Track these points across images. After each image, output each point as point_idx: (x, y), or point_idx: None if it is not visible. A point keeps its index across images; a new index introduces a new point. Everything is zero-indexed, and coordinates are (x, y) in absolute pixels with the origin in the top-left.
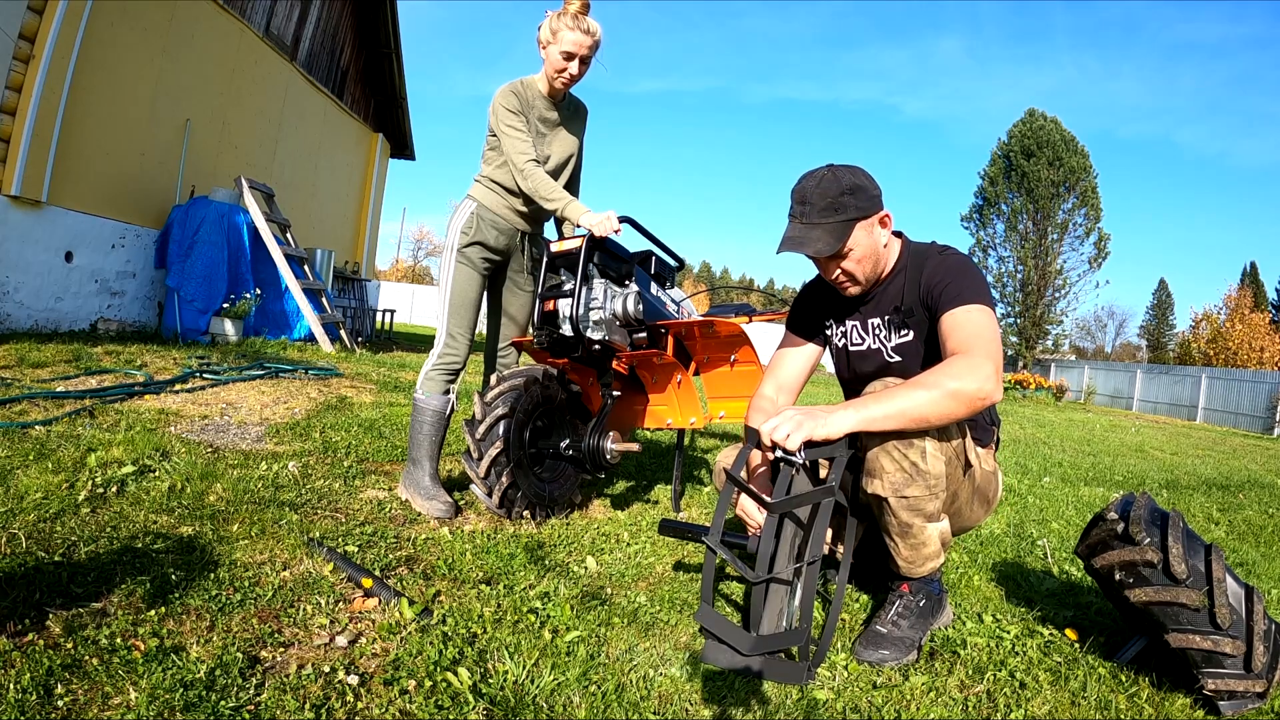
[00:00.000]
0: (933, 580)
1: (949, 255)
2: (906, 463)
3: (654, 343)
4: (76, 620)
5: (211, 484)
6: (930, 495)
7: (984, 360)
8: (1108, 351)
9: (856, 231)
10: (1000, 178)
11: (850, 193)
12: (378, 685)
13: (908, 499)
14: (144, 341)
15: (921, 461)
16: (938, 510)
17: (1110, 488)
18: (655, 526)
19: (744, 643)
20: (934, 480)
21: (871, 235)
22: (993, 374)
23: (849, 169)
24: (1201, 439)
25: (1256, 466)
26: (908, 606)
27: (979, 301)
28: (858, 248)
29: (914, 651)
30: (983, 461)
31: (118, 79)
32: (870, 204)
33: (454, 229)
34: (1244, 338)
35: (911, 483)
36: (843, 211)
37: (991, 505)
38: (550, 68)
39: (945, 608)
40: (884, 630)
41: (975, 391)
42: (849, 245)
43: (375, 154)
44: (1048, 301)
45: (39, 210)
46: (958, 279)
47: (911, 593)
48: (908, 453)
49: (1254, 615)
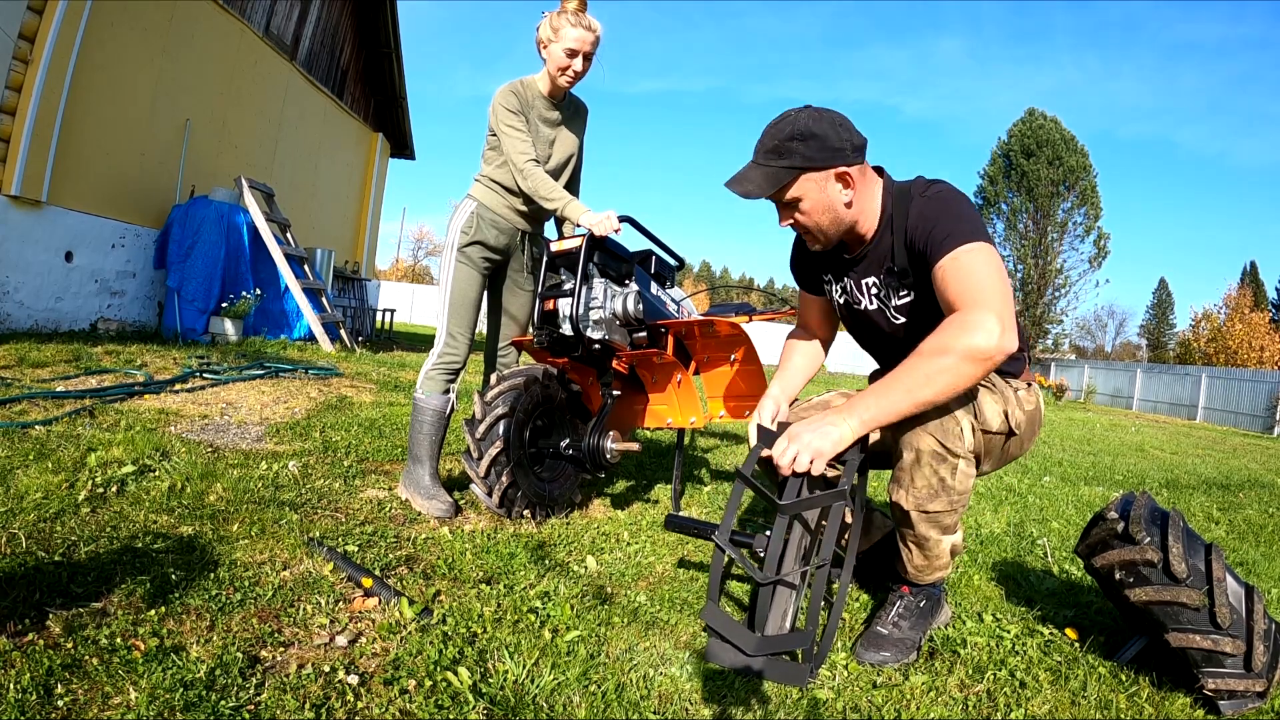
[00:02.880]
0: (935, 583)
1: (931, 193)
2: (935, 479)
3: (654, 342)
4: (76, 620)
5: (211, 484)
6: (952, 510)
7: (984, 313)
8: (1108, 351)
9: (803, 183)
10: (1000, 177)
11: (801, 138)
12: (378, 685)
13: (929, 513)
14: (144, 341)
15: (950, 477)
16: (955, 523)
17: (1110, 487)
18: (656, 526)
19: (749, 643)
20: (958, 496)
21: (825, 191)
22: (997, 324)
23: (817, 114)
24: (1201, 438)
25: (1256, 466)
26: (909, 608)
27: (971, 240)
28: (806, 200)
29: (914, 652)
30: (1023, 405)
31: (117, 79)
32: (825, 155)
33: (454, 228)
34: (1244, 337)
35: (936, 498)
36: (786, 157)
37: (1036, 433)
38: (553, 66)
39: (944, 606)
40: (885, 631)
41: (983, 350)
42: (794, 194)
43: (375, 154)
44: (1048, 301)
45: (39, 210)
46: (943, 220)
47: (912, 594)
48: (939, 468)
49: (1254, 615)
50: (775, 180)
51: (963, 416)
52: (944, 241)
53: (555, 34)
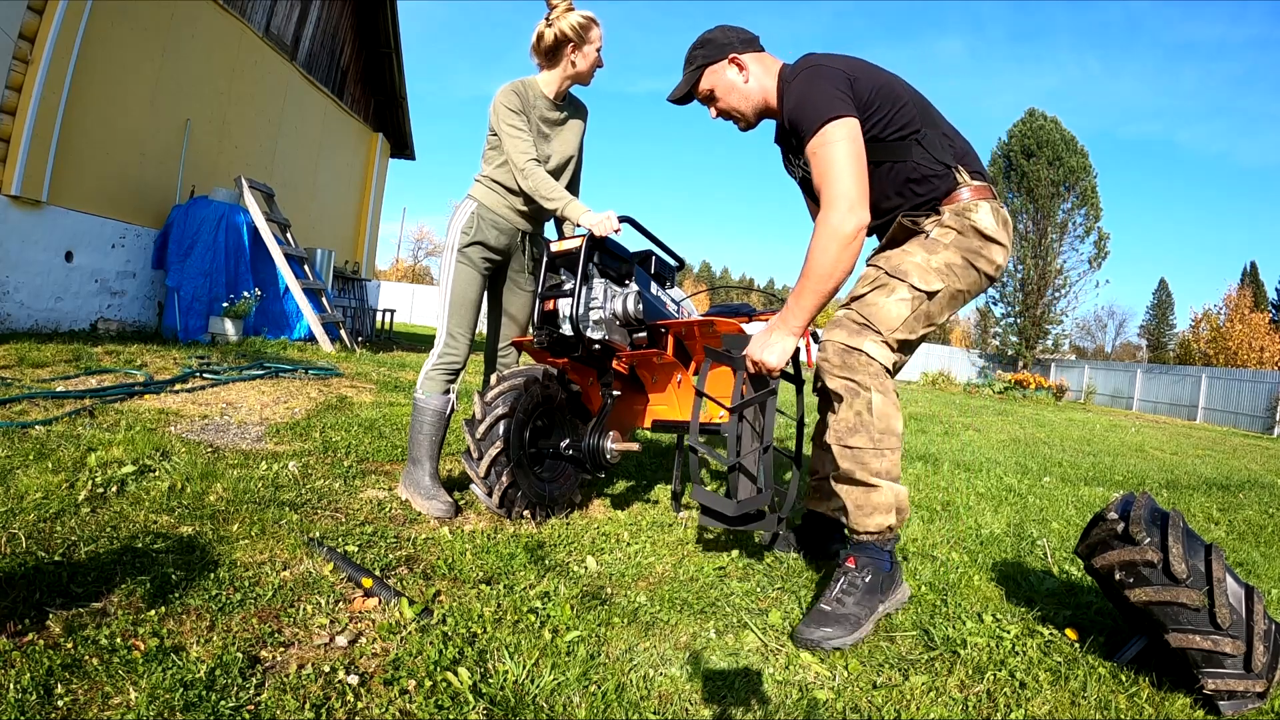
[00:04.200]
0: (883, 553)
1: (796, 79)
2: (851, 413)
3: (654, 342)
4: (76, 620)
5: (211, 484)
6: (875, 448)
7: (832, 208)
8: (1108, 351)
9: (708, 76)
10: (1000, 177)
11: (700, 46)
12: (378, 685)
13: (851, 448)
14: (144, 341)
15: (867, 411)
16: (886, 469)
17: (1110, 487)
18: (656, 526)
19: (728, 508)
20: (879, 434)
21: (725, 76)
22: (843, 209)
23: (713, 29)
24: (1201, 439)
25: (1256, 466)
26: (852, 583)
27: (817, 126)
28: (717, 89)
29: (860, 629)
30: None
31: (117, 79)
32: (717, 50)
33: (454, 229)
34: (1244, 337)
35: (855, 433)
36: (692, 63)
37: (985, 246)
38: (587, 65)
39: (899, 585)
40: (827, 608)
41: (843, 234)
42: (705, 87)
43: (375, 154)
44: (1048, 301)
45: (39, 210)
46: (802, 106)
47: (857, 567)
48: (854, 403)
49: (1254, 615)
50: (689, 81)
51: (863, 341)
52: (804, 133)
53: (587, 34)
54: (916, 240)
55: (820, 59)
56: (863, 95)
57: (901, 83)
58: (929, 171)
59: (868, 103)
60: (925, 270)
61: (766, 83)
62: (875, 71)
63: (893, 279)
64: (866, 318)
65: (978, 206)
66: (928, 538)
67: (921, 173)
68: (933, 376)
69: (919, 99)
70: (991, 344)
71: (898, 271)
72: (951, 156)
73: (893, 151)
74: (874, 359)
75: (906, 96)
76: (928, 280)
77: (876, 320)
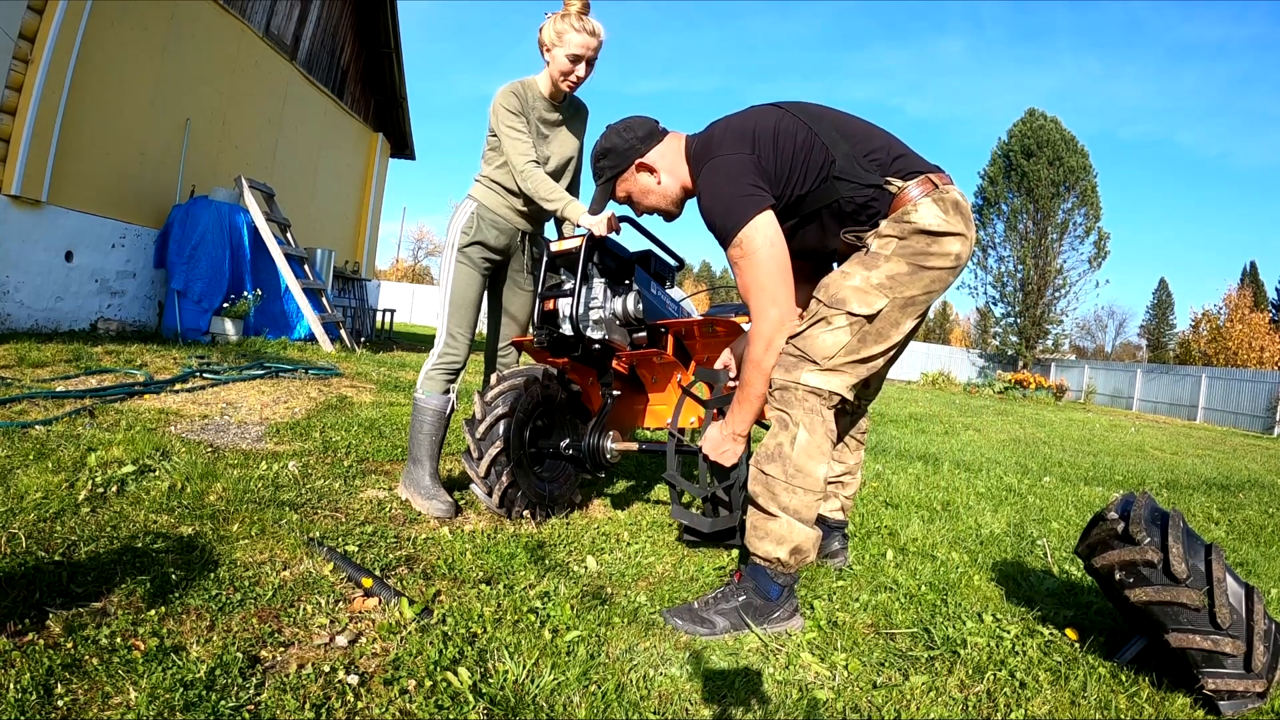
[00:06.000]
0: (772, 582)
1: (701, 172)
2: (773, 442)
3: (654, 342)
4: (76, 620)
5: (211, 484)
6: (787, 483)
7: (760, 317)
8: (1108, 351)
9: (621, 186)
10: (1000, 177)
11: (602, 157)
12: (378, 685)
13: (764, 473)
14: (144, 341)
15: (788, 445)
16: (794, 507)
17: (1110, 487)
18: (656, 526)
19: (704, 525)
20: (794, 471)
21: (637, 182)
22: (774, 319)
23: (608, 131)
24: (1201, 439)
25: (1256, 466)
26: (726, 596)
27: (733, 235)
28: (632, 194)
29: (707, 630)
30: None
31: (117, 79)
32: (620, 159)
33: (454, 229)
34: (1244, 337)
35: (772, 461)
36: (600, 175)
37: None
38: (556, 70)
39: (787, 619)
40: (695, 606)
41: (771, 338)
42: (621, 195)
43: (375, 154)
44: (1048, 301)
45: (39, 210)
46: (710, 214)
47: (739, 585)
48: (779, 434)
49: (1254, 615)
50: (603, 195)
51: (800, 374)
52: (721, 239)
53: (559, 39)
54: (857, 258)
55: (722, 144)
56: (770, 169)
57: (803, 120)
58: (861, 199)
59: (778, 173)
60: (864, 292)
61: (680, 170)
62: (776, 126)
63: (830, 309)
64: (803, 350)
65: (917, 206)
66: (928, 538)
67: (855, 204)
68: (933, 376)
69: (825, 128)
70: (991, 344)
71: (834, 301)
72: (878, 172)
73: (819, 199)
74: (814, 388)
75: (812, 136)
76: (867, 302)
77: (812, 351)
